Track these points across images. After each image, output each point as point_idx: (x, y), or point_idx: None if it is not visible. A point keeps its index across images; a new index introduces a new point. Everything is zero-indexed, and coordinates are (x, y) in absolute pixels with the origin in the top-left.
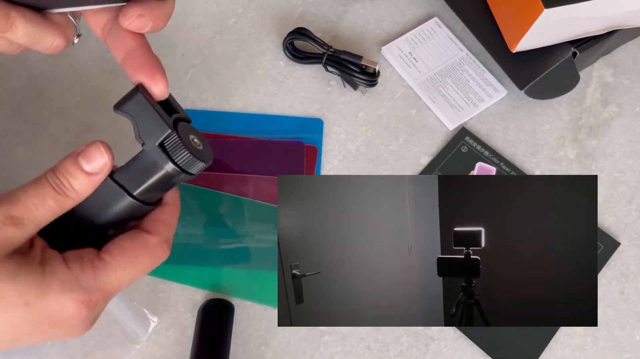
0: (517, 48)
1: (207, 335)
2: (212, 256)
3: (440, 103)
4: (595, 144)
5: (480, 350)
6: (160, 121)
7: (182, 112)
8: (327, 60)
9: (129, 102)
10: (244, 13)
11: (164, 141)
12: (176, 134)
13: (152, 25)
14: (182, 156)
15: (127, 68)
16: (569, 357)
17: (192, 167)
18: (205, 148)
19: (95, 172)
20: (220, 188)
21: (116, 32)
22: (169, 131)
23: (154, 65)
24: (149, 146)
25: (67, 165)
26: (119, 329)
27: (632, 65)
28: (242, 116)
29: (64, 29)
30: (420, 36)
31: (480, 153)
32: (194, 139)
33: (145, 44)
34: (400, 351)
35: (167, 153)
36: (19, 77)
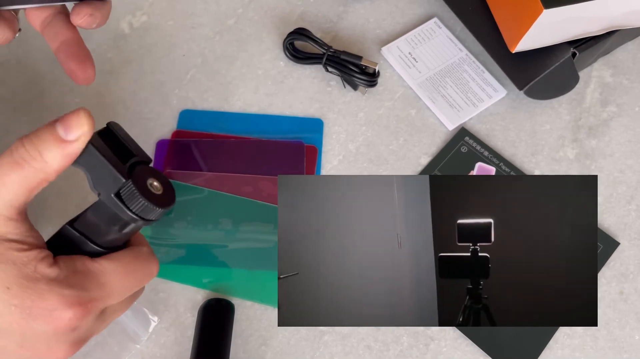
0: (516, 48)
1: (208, 335)
2: (212, 256)
3: (440, 103)
4: (595, 144)
5: (480, 350)
6: (113, 172)
7: (139, 154)
8: (327, 61)
9: (80, 155)
10: (244, 13)
11: (119, 191)
12: (131, 183)
13: (99, 22)
14: (140, 204)
15: (61, 55)
16: (568, 357)
17: (151, 214)
18: (167, 191)
19: (71, 140)
20: (220, 188)
21: (54, 25)
22: (123, 181)
23: (84, 54)
24: (104, 196)
25: (41, 132)
26: (119, 329)
27: (631, 66)
28: (242, 116)
29: (12, 22)
30: (420, 36)
31: (480, 153)
32: (152, 183)
33: (78, 36)
34: (400, 351)
35: (123, 202)
36: (19, 77)
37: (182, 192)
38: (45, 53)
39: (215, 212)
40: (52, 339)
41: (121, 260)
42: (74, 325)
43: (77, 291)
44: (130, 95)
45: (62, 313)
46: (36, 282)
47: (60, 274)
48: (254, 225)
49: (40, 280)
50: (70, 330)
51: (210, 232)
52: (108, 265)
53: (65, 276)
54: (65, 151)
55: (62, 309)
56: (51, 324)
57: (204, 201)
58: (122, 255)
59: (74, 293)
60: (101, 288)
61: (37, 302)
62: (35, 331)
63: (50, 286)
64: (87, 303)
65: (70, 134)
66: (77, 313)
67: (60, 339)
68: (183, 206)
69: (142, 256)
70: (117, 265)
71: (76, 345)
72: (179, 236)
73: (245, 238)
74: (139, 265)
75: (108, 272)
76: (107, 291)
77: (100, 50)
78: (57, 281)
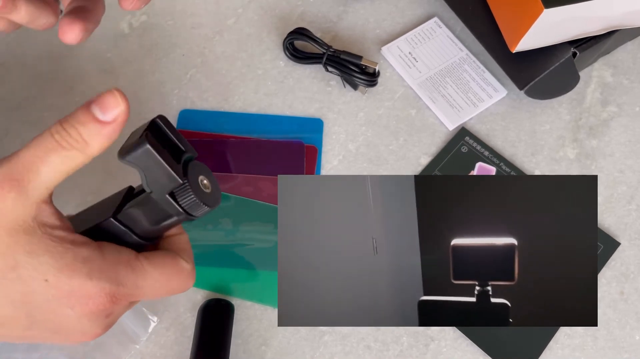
0: (517, 48)
1: (207, 335)
2: (212, 256)
3: (440, 103)
4: (595, 144)
5: (480, 350)
6: (171, 173)
7: (188, 148)
8: (327, 60)
9: (136, 153)
10: (244, 13)
11: (174, 191)
12: (188, 184)
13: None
14: (191, 202)
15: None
16: (569, 357)
17: (198, 211)
18: (214, 189)
19: (109, 121)
20: (220, 188)
21: None
22: (180, 182)
23: (85, 16)
24: (157, 194)
25: (78, 114)
26: (119, 329)
27: (631, 65)
28: (242, 116)
29: (55, 7)
30: (420, 36)
31: (480, 153)
32: (203, 181)
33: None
34: (400, 351)
35: (176, 201)
36: (19, 77)
37: None
38: (45, 53)
39: (215, 212)
40: (87, 324)
41: (163, 269)
42: (109, 312)
43: (116, 285)
44: (130, 95)
45: (100, 302)
46: (74, 271)
47: (100, 262)
48: (254, 225)
49: (79, 269)
50: (105, 317)
51: (210, 232)
52: (151, 269)
53: (105, 265)
54: (104, 131)
55: (100, 298)
56: (87, 311)
57: None
58: (167, 264)
59: (113, 287)
60: (138, 288)
61: (75, 291)
62: (71, 318)
63: (90, 275)
64: (123, 296)
65: (107, 114)
66: (113, 303)
67: (94, 324)
68: None
69: (183, 273)
70: (159, 272)
71: (106, 328)
72: None
73: (245, 238)
74: (179, 279)
75: (148, 275)
76: (142, 291)
77: (99, 50)
78: (97, 270)
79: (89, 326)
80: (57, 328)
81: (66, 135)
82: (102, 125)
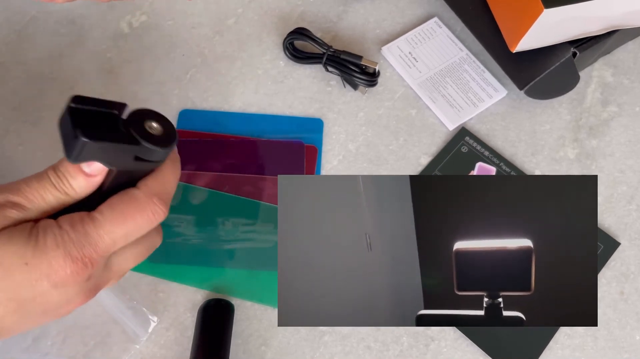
0: (517, 48)
1: (207, 335)
2: (212, 256)
3: (440, 103)
4: (595, 144)
5: (480, 350)
6: (125, 147)
7: (116, 107)
8: (327, 60)
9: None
10: (244, 13)
11: (136, 155)
12: (144, 143)
13: None
14: (156, 154)
15: None
16: (569, 357)
17: (165, 154)
18: (164, 125)
19: (94, 174)
20: (220, 188)
21: None
22: (138, 147)
23: None
24: (121, 167)
25: (67, 166)
26: (119, 329)
27: (632, 65)
28: (242, 116)
29: None
30: (420, 36)
31: (480, 153)
32: (151, 127)
33: None
34: (400, 351)
35: (142, 160)
36: (19, 77)
37: (182, 192)
38: (45, 53)
39: (215, 212)
40: (71, 294)
41: (114, 208)
42: (87, 275)
43: (80, 246)
44: (130, 95)
45: (73, 268)
46: (45, 245)
47: (61, 235)
48: (254, 225)
49: (48, 243)
50: (85, 281)
51: (210, 232)
52: (108, 211)
53: (64, 231)
54: (90, 182)
55: (72, 265)
56: (67, 282)
57: (204, 201)
58: (116, 201)
59: (76, 249)
60: (101, 236)
61: (53, 265)
62: (55, 294)
63: (57, 244)
64: (93, 254)
65: (92, 168)
66: (86, 264)
67: (77, 291)
68: (183, 207)
69: (137, 201)
70: (110, 212)
71: (92, 292)
72: (179, 236)
73: (245, 238)
74: (136, 210)
75: (106, 220)
76: (109, 238)
77: (99, 50)
78: (59, 239)
79: (73, 294)
80: (45, 308)
81: (60, 182)
82: (89, 177)
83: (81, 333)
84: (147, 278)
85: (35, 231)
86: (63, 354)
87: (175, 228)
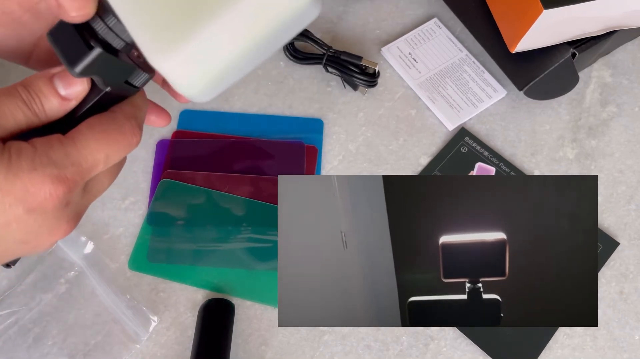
0: (516, 48)
1: (208, 335)
2: (212, 256)
3: (440, 103)
4: (594, 144)
5: (480, 350)
6: (132, 65)
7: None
8: (327, 61)
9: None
10: None
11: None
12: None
13: None
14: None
15: None
16: (568, 357)
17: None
18: None
19: (70, 98)
20: (220, 188)
21: None
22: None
23: None
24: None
25: (41, 85)
26: (119, 328)
27: (631, 66)
28: (242, 116)
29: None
30: (420, 37)
31: (479, 154)
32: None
33: None
34: (400, 350)
35: (131, 84)
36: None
37: (182, 192)
38: None
39: (215, 212)
40: (51, 221)
41: (94, 128)
42: (66, 200)
43: (58, 167)
44: None
45: (52, 191)
46: (19, 168)
47: (38, 156)
48: (254, 225)
49: (22, 165)
50: (64, 206)
51: (210, 232)
52: (82, 135)
53: (40, 152)
54: (63, 107)
55: (49, 186)
56: (45, 206)
57: (204, 201)
58: (95, 121)
59: (55, 169)
60: (81, 157)
61: (28, 188)
62: (33, 221)
63: (33, 166)
64: (71, 176)
65: (70, 91)
66: (65, 188)
67: (57, 218)
68: (183, 207)
69: (115, 122)
70: (91, 133)
71: (73, 220)
72: (179, 237)
73: (245, 238)
74: (116, 130)
75: (85, 142)
76: (90, 160)
77: None
78: (36, 160)
79: (53, 221)
80: (23, 237)
81: (31, 100)
82: (63, 101)
83: (82, 332)
84: (147, 278)
85: (7, 153)
86: (63, 353)
87: (176, 228)
